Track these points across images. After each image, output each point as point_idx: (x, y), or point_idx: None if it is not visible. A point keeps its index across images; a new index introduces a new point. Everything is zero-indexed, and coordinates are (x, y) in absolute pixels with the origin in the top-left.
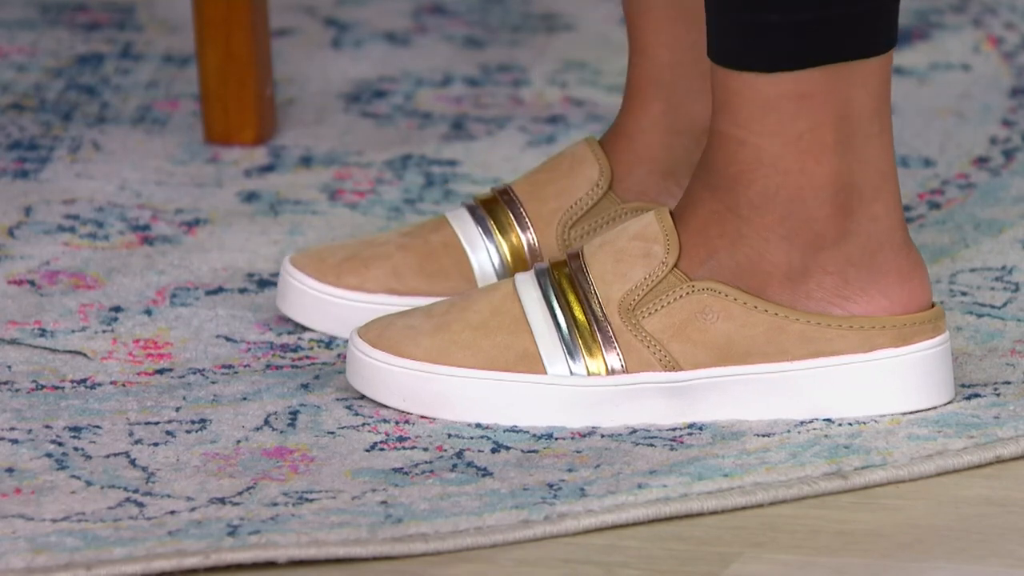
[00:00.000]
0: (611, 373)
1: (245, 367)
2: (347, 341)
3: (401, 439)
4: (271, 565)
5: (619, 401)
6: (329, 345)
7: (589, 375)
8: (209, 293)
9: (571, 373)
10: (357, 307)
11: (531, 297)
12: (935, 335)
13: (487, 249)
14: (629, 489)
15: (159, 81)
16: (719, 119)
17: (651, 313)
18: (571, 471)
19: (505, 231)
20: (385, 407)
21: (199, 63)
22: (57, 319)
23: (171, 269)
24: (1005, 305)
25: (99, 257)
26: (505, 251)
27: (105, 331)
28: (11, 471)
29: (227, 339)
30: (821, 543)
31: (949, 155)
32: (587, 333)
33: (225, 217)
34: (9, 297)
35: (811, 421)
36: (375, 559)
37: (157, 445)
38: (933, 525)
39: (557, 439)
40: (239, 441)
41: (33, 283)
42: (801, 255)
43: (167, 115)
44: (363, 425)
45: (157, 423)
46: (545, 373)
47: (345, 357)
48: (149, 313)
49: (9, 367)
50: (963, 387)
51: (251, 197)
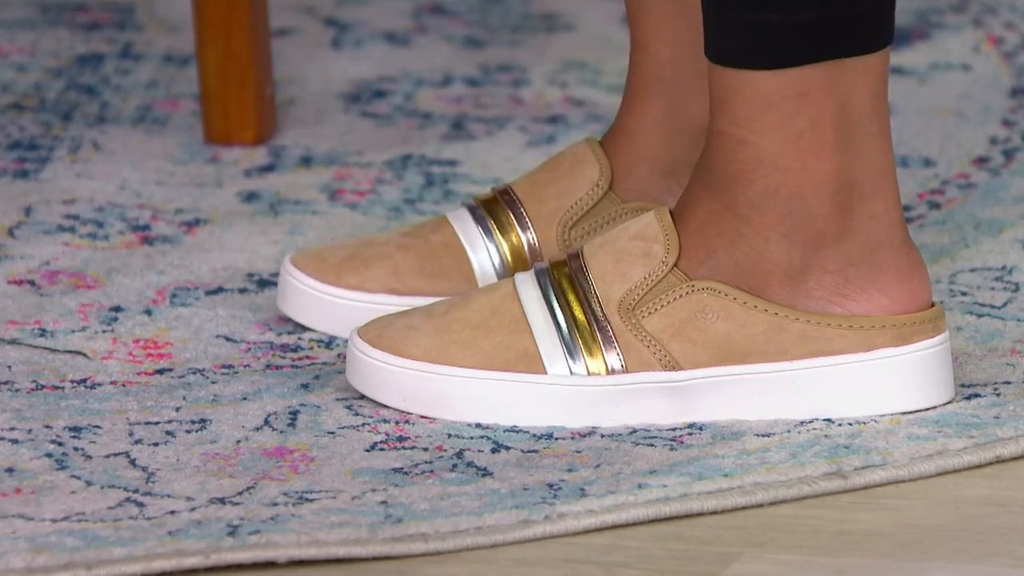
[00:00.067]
0: (611, 373)
1: (245, 367)
2: (347, 341)
3: (401, 439)
4: (271, 565)
5: (619, 401)
6: (329, 345)
7: (589, 375)
8: (209, 293)
9: (571, 373)
10: (357, 307)
11: (531, 297)
12: (935, 334)
13: (487, 249)
14: (629, 489)
15: (159, 81)
16: (717, 118)
17: (651, 313)
18: (571, 471)
19: (505, 231)
20: (385, 407)
21: (199, 63)
22: (57, 319)
23: (171, 269)
24: (1005, 305)
25: (99, 257)
26: (505, 251)
27: (105, 331)
28: (11, 471)
29: (227, 339)
30: (821, 543)
31: (949, 155)
32: (587, 333)
33: (225, 217)
34: (9, 297)
35: (811, 421)
36: (375, 559)
37: (157, 445)
38: (933, 525)
39: (557, 439)
40: (239, 441)
41: (33, 283)
42: (801, 253)
43: (167, 115)
44: (363, 425)
45: (157, 423)
46: (545, 373)
47: (345, 357)
48: (149, 313)
49: (9, 367)
50: (963, 387)
51: (251, 197)
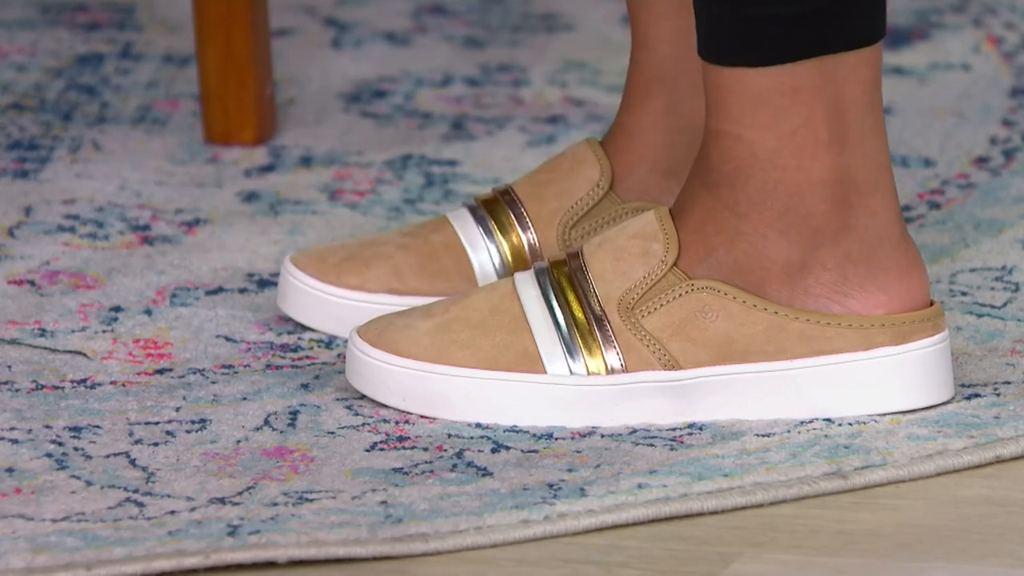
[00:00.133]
0: (611, 372)
1: (245, 367)
2: (347, 341)
3: (401, 439)
4: (271, 565)
5: (619, 400)
6: (329, 345)
7: (589, 374)
8: (209, 293)
9: (571, 372)
10: (358, 307)
11: (530, 296)
12: (934, 333)
13: (488, 249)
14: (629, 489)
15: (159, 81)
16: (712, 117)
17: (650, 312)
18: (571, 471)
19: (506, 231)
20: (385, 407)
21: (199, 63)
22: (57, 319)
23: (171, 269)
24: (1005, 305)
25: (99, 257)
26: (506, 251)
27: (105, 331)
28: (11, 471)
29: (227, 339)
30: (821, 543)
31: (949, 155)
32: (586, 332)
33: (225, 217)
34: (9, 297)
35: (811, 421)
36: (375, 559)
37: (157, 445)
38: (933, 525)
39: (557, 439)
40: (239, 441)
41: (33, 283)
42: (799, 251)
43: (167, 115)
44: (363, 425)
45: (157, 423)
46: (545, 372)
47: (345, 357)
48: (149, 313)
49: (9, 367)
50: (963, 387)
51: (251, 197)
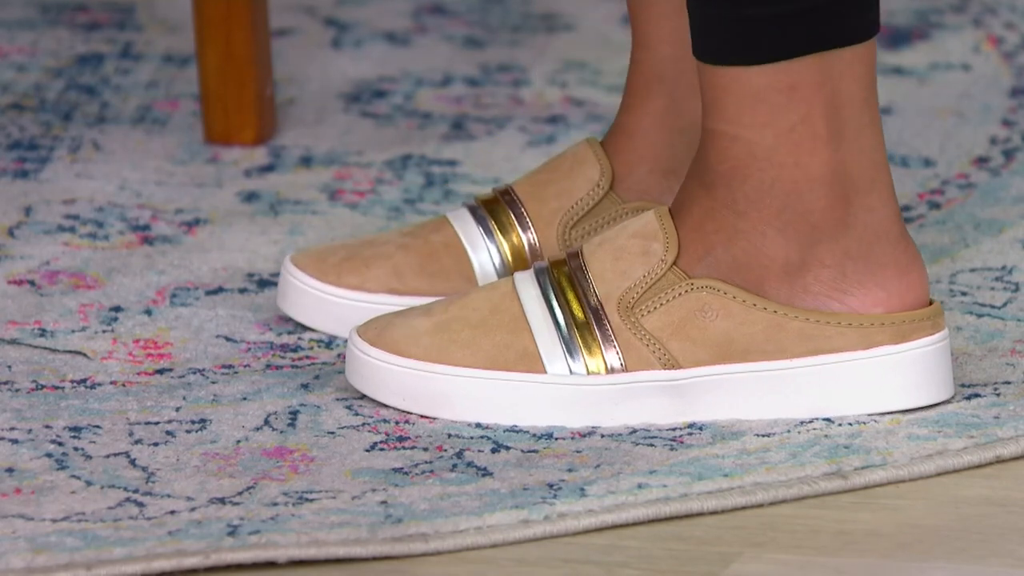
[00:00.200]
0: (610, 372)
1: (245, 367)
2: (347, 341)
3: (401, 439)
4: (271, 565)
5: (619, 400)
6: (329, 345)
7: (588, 374)
8: (209, 293)
9: (571, 372)
10: (358, 307)
11: (530, 295)
12: (934, 332)
13: (488, 249)
14: (629, 489)
15: (159, 81)
16: (709, 117)
17: (650, 311)
18: (571, 471)
19: (506, 231)
20: (385, 407)
21: (199, 63)
22: (57, 319)
23: (171, 269)
24: (1005, 305)
25: (99, 257)
26: (506, 251)
27: (105, 331)
28: (11, 471)
29: (227, 339)
30: (821, 543)
31: (949, 155)
32: (586, 331)
33: (225, 217)
34: (9, 297)
35: (811, 421)
36: (375, 559)
37: (157, 445)
38: (933, 525)
39: (557, 439)
40: (239, 441)
41: (33, 283)
42: (798, 248)
43: (167, 115)
44: (363, 425)
45: (157, 423)
46: (545, 372)
47: (345, 357)
48: (149, 313)
49: (9, 367)
50: (963, 387)
51: (251, 197)
